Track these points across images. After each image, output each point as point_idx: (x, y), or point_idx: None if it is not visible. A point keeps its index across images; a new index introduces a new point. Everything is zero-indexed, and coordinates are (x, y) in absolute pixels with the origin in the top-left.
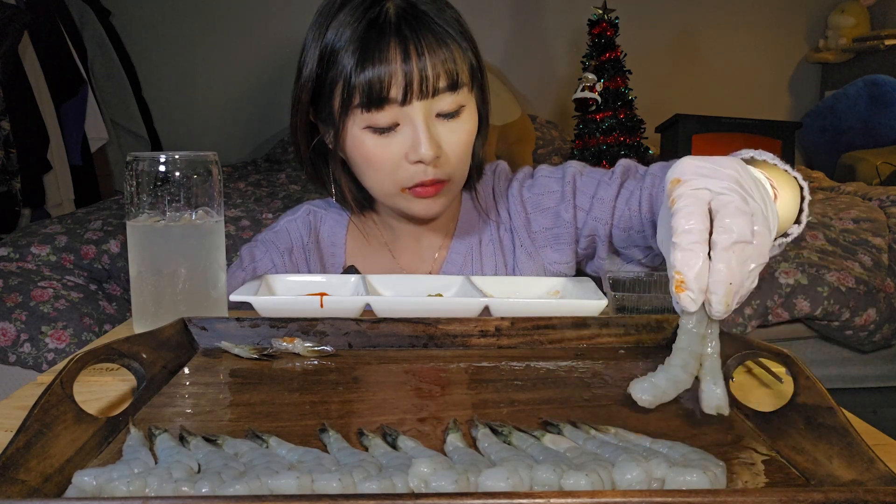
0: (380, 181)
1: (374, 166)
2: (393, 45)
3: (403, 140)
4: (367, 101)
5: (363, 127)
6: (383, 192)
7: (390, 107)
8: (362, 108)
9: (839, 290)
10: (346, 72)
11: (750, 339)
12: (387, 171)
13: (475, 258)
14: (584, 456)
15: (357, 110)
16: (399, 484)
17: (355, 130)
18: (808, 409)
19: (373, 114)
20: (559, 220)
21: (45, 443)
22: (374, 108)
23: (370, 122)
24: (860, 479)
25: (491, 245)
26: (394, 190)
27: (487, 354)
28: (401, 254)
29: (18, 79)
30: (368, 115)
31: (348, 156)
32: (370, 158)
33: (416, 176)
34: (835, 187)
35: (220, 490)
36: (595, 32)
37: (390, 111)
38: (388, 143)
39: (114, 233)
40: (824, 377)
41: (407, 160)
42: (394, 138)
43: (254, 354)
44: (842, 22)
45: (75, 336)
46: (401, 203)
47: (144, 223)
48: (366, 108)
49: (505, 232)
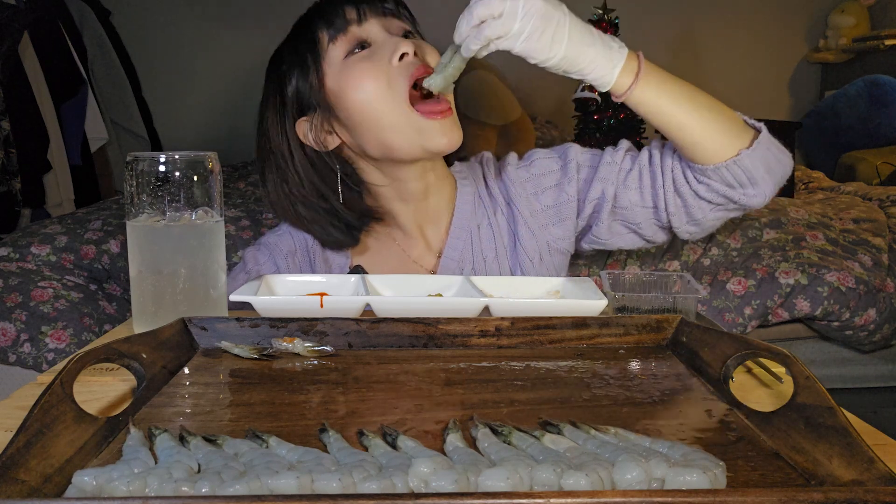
0: (382, 98)
1: (370, 77)
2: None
3: (381, 52)
4: (332, 31)
5: (343, 57)
6: (392, 115)
7: (351, 28)
8: (330, 40)
9: (839, 290)
10: (307, 26)
11: (750, 339)
12: (384, 82)
13: (475, 242)
14: (584, 456)
15: (330, 47)
16: (399, 484)
17: (338, 66)
18: (808, 409)
19: (340, 41)
20: (562, 195)
21: (45, 443)
22: (339, 33)
23: (345, 48)
24: (860, 479)
25: (489, 229)
26: (401, 108)
27: (487, 354)
28: (410, 245)
29: (18, 79)
30: (337, 43)
31: (347, 107)
32: (363, 74)
33: (407, 68)
34: (835, 187)
35: (220, 490)
36: None
37: (353, 32)
38: (370, 55)
39: (114, 233)
40: (824, 377)
41: (392, 64)
42: (373, 53)
43: (254, 354)
44: (842, 22)
45: (75, 336)
46: (414, 131)
47: (144, 223)
48: (332, 37)
49: (502, 216)
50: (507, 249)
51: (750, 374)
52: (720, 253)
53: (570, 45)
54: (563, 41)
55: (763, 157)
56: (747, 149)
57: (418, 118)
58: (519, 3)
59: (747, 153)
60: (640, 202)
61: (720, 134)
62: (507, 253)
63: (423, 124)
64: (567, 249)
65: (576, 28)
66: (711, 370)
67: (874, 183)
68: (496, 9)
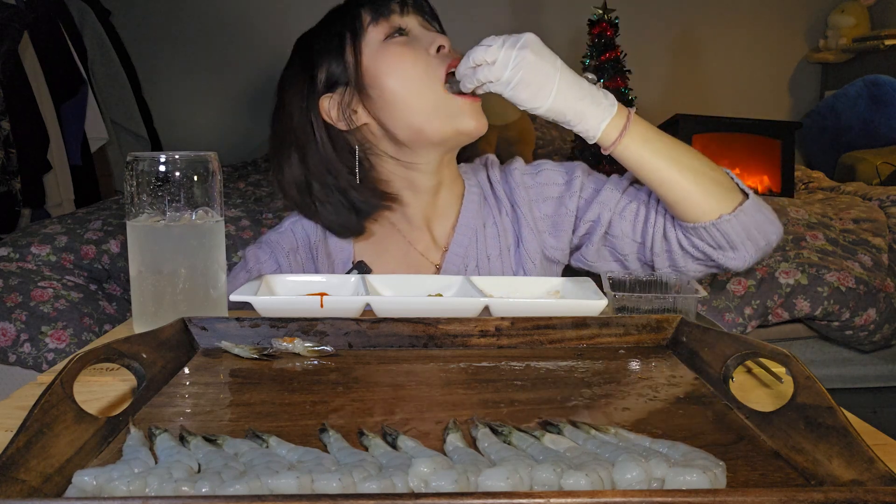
0: (420, 83)
1: (407, 63)
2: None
3: (418, 41)
4: (375, 14)
5: (382, 39)
6: (430, 105)
7: (393, 16)
8: (372, 21)
9: (839, 290)
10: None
11: (750, 339)
12: (422, 65)
13: (480, 240)
14: (584, 456)
15: (370, 28)
16: (399, 484)
17: (376, 47)
18: (808, 409)
19: (383, 24)
20: (561, 208)
21: (45, 443)
22: (381, 17)
23: (386, 32)
24: (860, 479)
25: (494, 228)
26: (437, 84)
27: (487, 354)
28: (415, 240)
29: (18, 79)
30: (378, 26)
31: (385, 87)
32: (402, 57)
33: (446, 59)
34: (835, 187)
35: (220, 490)
36: (595, 32)
37: (394, 19)
38: (408, 43)
39: (114, 233)
40: (824, 377)
41: (430, 53)
42: (410, 41)
43: (254, 354)
44: (842, 22)
45: (75, 336)
46: (449, 114)
47: (144, 223)
48: (375, 19)
49: (506, 217)
50: (511, 250)
51: (750, 374)
52: None
53: (557, 98)
54: (550, 94)
55: (745, 223)
56: (729, 213)
57: (453, 98)
58: (511, 54)
59: (728, 218)
60: (631, 234)
61: (703, 195)
62: (510, 253)
63: (456, 105)
64: (560, 260)
65: (565, 82)
66: (711, 370)
67: (874, 183)
68: (491, 56)
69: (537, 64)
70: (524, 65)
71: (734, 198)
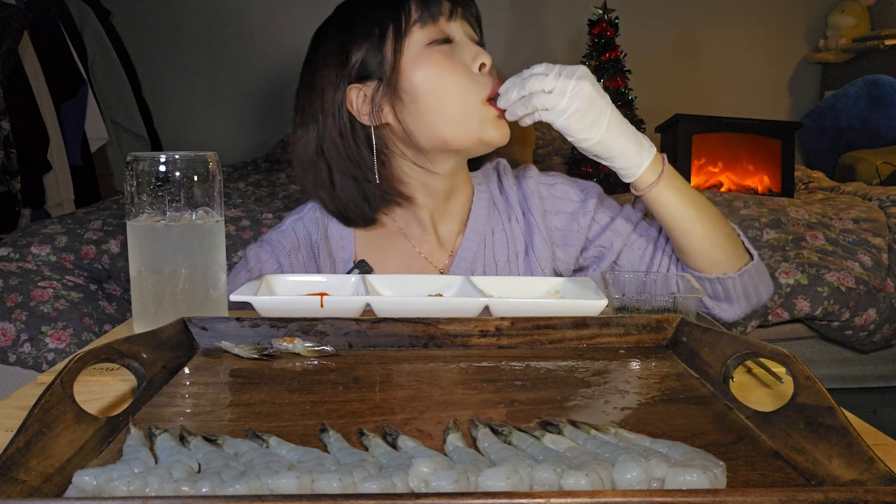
0: (459, 95)
1: (449, 75)
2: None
3: (461, 53)
4: (424, 14)
5: (426, 44)
6: (463, 109)
7: (441, 20)
8: (419, 21)
9: (839, 290)
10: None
11: (750, 339)
12: (464, 79)
13: (488, 246)
14: (584, 456)
15: (415, 28)
16: (399, 484)
17: (418, 52)
18: (808, 409)
19: (430, 28)
20: (574, 224)
21: (46, 443)
22: (430, 20)
23: (430, 37)
24: (860, 479)
25: (503, 234)
26: (474, 102)
27: (487, 354)
28: (420, 241)
29: (18, 79)
30: (424, 29)
31: (420, 92)
32: (443, 70)
33: (489, 81)
34: (835, 187)
35: (220, 490)
36: (595, 32)
37: (441, 24)
38: (452, 53)
39: (114, 233)
40: (824, 377)
41: (472, 70)
42: (454, 50)
43: (254, 354)
44: (842, 22)
45: (75, 336)
46: (479, 124)
47: (144, 223)
48: (423, 21)
49: (516, 224)
50: (520, 256)
51: (750, 374)
52: None
53: (608, 133)
54: (601, 127)
55: (745, 284)
56: (735, 272)
57: (489, 110)
58: (570, 82)
59: (732, 276)
60: (637, 266)
61: (716, 250)
62: (518, 259)
63: (490, 116)
64: (564, 274)
65: (615, 119)
66: (711, 370)
67: (874, 183)
68: (548, 85)
69: (593, 96)
70: (581, 95)
71: (742, 256)
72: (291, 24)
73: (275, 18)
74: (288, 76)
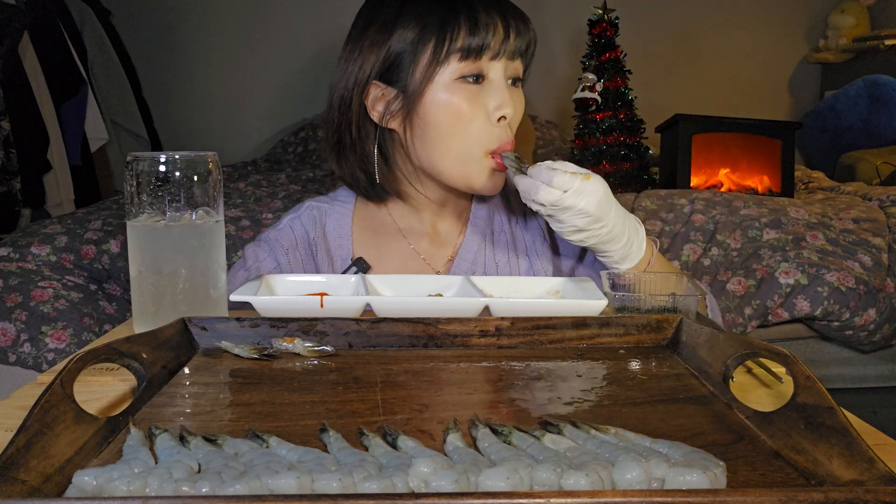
0: (465, 140)
1: (463, 120)
2: (494, 7)
3: (488, 97)
4: (468, 48)
5: (456, 78)
6: (464, 155)
7: (484, 57)
8: (461, 56)
9: (839, 290)
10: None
11: (750, 339)
12: (477, 127)
13: (488, 248)
14: (584, 456)
15: (454, 58)
16: (399, 484)
17: (447, 82)
18: (808, 409)
19: (468, 63)
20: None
21: (46, 443)
22: (472, 55)
23: (464, 72)
24: (860, 479)
25: (503, 236)
26: (478, 151)
27: (487, 354)
28: (418, 240)
29: (18, 79)
30: (462, 64)
31: (429, 119)
32: (461, 111)
33: (501, 135)
34: (835, 187)
35: (220, 490)
36: (595, 32)
37: (483, 62)
38: (477, 95)
39: (114, 233)
40: (824, 377)
41: (490, 119)
42: (481, 92)
43: (254, 354)
44: (842, 22)
45: (75, 336)
46: (474, 172)
47: (144, 223)
48: (465, 55)
49: (517, 226)
50: (521, 258)
51: (750, 374)
52: (720, 253)
53: (613, 229)
54: (606, 227)
55: None
56: None
57: (489, 161)
58: (578, 220)
59: None
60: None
61: None
62: (518, 261)
63: (487, 167)
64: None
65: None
66: (711, 370)
67: (874, 183)
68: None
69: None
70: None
71: None
72: (292, 24)
73: (275, 18)
74: (288, 76)
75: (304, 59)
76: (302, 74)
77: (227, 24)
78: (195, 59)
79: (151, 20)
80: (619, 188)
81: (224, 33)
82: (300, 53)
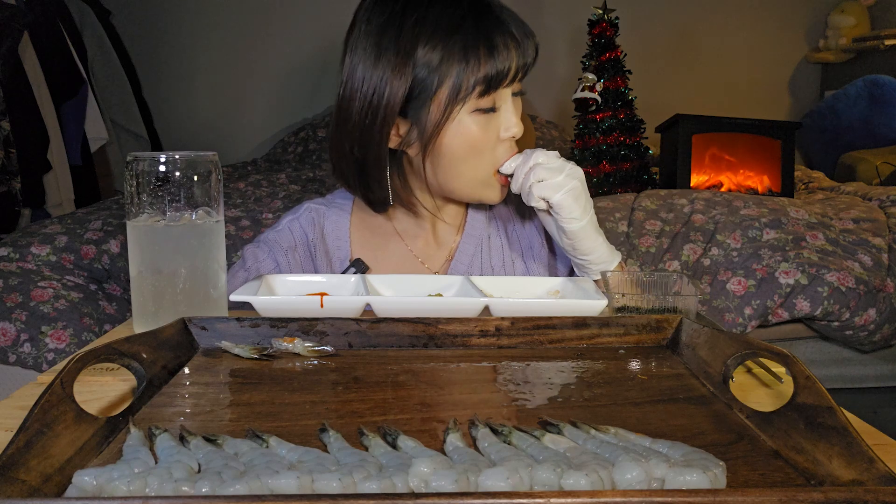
0: (477, 165)
1: (477, 148)
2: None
3: (499, 121)
4: (486, 84)
5: (472, 111)
6: (475, 178)
7: (501, 89)
8: (481, 93)
9: (839, 290)
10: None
11: (750, 339)
12: (488, 152)
13: (484, 251)
14: (584, 456)
15: (472, 97)
16: (399, 484)
17: (462, 117)
18: (808, 409)
19: (484, 99)
20: None
21: (46, 443)
22: (492, 90)
23: (480, 105)
24: (860, 479)
25: (499, 240)
26: (487, 174)
27: (487, 354)
28: (415, 242)
29: (18, 79)
30: (480, 100)
31: (444, 149)
32: (475, 142)
33: (507, 152)
34: (835, 187)
35: (220, 490)
36: (595, 32)
37: (498, 94)
38: (488, 123)
39: (114, 233)
40: (824, 377)
41: (499, 139)
42: (492, 119)
43: (254, 354)
44: (842, 22)
45: (75, 336)
46: (483, 190)
47: (144, 223)
48: (485, 90)
49: (513, 229)
50: (516, 262)
51: (750, 374)
52: (720, 253)
53: (591, 223)
54: (589, 213)
55: None
56: None
57: (496, 178)
58: (567, 165)
59: None
60: None
61: None
62: (514, 264)
63: (494, 183)
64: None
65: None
66: (711, 370)
67: (874, 183)
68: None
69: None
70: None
71: None
72: (291, 24)
73: (275, 18)
74: (288, 76)
75: (305, 58)
76: (302, 74)
77: (227, 25)
78: (195, 59)
79: (151, 20)
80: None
81: (224, 33)
82: (300, 53)
